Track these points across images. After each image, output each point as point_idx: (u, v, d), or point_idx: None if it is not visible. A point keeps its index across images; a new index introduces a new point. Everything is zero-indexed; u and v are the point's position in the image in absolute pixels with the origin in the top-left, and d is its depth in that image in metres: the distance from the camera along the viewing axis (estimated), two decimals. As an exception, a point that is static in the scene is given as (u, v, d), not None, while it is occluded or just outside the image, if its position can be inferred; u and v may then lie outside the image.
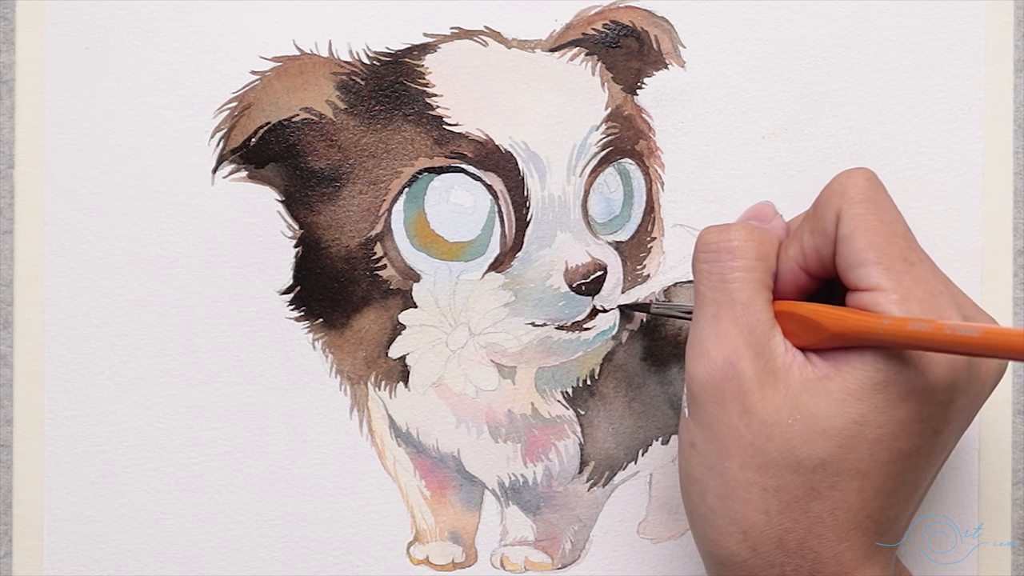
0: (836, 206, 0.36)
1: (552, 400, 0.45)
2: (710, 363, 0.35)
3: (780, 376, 0.35)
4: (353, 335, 0.44)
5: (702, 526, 0.36)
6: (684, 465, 0.37)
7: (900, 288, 0.34)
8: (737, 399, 0.35)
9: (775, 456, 0.34)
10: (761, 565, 0.35)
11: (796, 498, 0.34)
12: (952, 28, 0.45)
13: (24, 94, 0.44)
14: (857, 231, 0.35)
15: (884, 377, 0.34)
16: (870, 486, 0.34)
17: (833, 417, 0.34)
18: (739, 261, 0.36)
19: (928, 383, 0.34)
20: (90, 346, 0.44)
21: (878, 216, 0.35)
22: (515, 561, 0.45)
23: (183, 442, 0.44)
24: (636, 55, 0.45)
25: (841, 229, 0.35)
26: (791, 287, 0.37)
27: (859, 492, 0.34)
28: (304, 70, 0.43)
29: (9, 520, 0.44)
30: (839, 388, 0.34)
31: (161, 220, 0.44)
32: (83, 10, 0.44)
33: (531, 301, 0.44)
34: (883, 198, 0.36)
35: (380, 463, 0.44)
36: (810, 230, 0.36)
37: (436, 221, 0.43)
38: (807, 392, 0.34)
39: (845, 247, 0.35)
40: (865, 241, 0.35)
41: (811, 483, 0.34)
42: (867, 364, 0.34)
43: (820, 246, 0.36)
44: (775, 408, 0.34)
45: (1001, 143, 0.45)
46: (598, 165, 0.44)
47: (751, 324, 0.35)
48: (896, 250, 0.35)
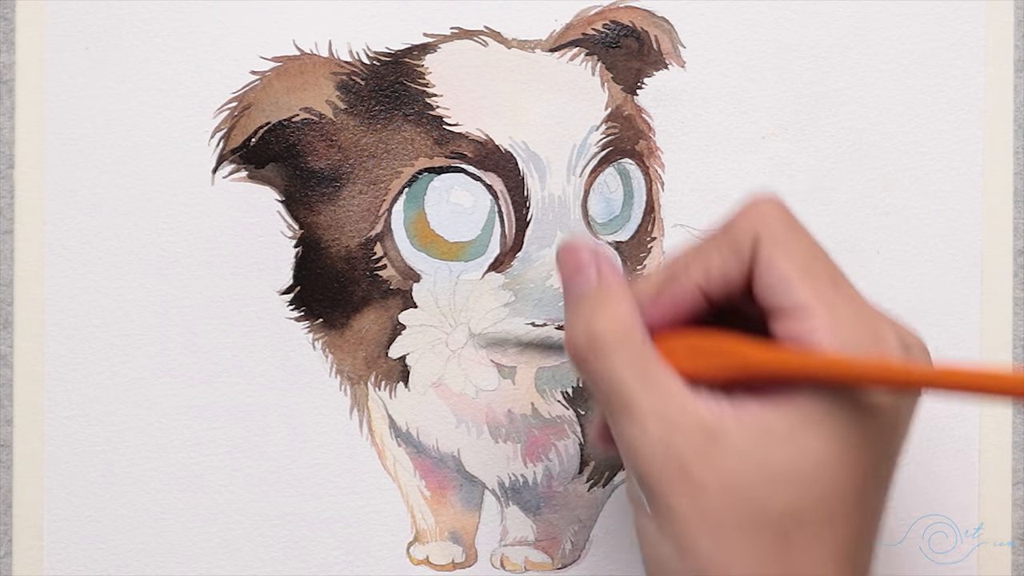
0: (752, 229, 0.34)
1: (552, 400, 0.45)
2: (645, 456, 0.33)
3: (718, 436, 0.33)
4: (353, 335, 0.44)
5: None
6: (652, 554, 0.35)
7: (830, 310, 0.32)
8: (684, 478, 0.33)
9: (742, 519, 0.32)
10: None
11: (774, 550, 0.33)
12: (952, 28, 0.45)
13: (24, 94, 0.44)
14: (779, 252, 0.33)
15: (828, 404, 0.32)
16: (840, 520, 0.33)
17: (789, 460, 0.32)
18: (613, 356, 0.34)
19: (872, 402, 0.33)
20: (90, 346, 0.44)
21: (799, 239, 0.34)
22: (515, 561, 0.45)
23: (183, 442, 0.44)
24: (636, 55, 0.45)
25: (761, 252, 0.33)
26: (687, 311, 0.35)
27: (831, 528, 0.33)
28: (304, 70, 0.43)
29: (9, 520, 0.44)
30: (785, 429, 0.32)
31: (161, 220, 0.44)
32: (83, 10, 0.44)
33: (531, 301, 0.44)
34: (798, 223, 0.34)
35: (380, 463, 0.44)
36: (720, 252, 0.34)
37: (436, 221, 0.43)
38: (754, 444, 0.32)
39: (765, 269, 0.33)
40: (789, 263, 0.33)
41: (784, 532, 0.33)
42: (807, 396, 0.32)
43: (729, 269, 0.34)
44: (725, 470, 0.32)
45: (1001, 143, 0.45)
46: (598, 165, 0.44)
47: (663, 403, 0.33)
48: (821, 271, 0.33)
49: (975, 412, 0.45)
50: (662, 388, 0.33)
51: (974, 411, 0.45)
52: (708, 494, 0.33)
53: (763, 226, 0.34)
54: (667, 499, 0.33)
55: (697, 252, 0.35)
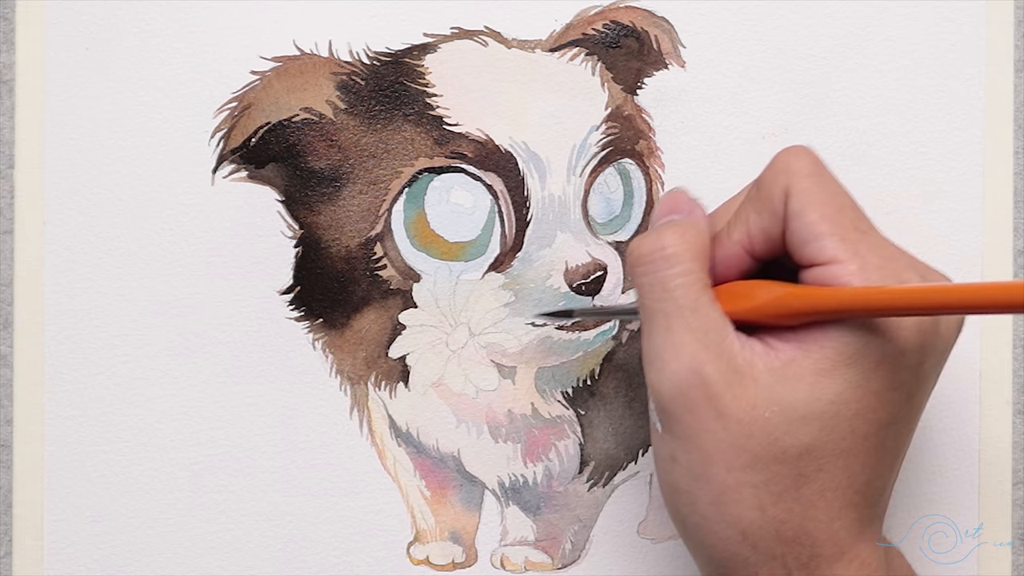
0: (783, 183, 0.35)
1: (552, 400, 0.45)
2: (674, 375, 0.34)
3: (746, 372, 0.34)
4: (353, 335, 0.44)
5: (697, 534, 0.36)
6: (667, 478, 0.36)
7: (857, 257, 0.34)
8: (709, 404, 0.34)
9: (759, 452, 0.34)
10: (762, 560, 0.35)
11: (786, 488, 0.34)
12: (952, 28, 0.45)
13: (24, 94, 0.44)
14: (808, 205, 0.35)
15: (854, 351, 0.34)
16: (855, 462, 0.34)
17: (810, 402, 0.34)
18: (677, 267, 0.35)
19: (898, 348, 0.34)
20: (90, 346, 0.44)
21: (825, 189, 0.35)
22: (515, 561, 0.45)
23: (183, 442, 0.44)
24: (636, 55, 0.45)
25: (791, 205, 0.35)
26: (735, 271, 0.37)
27: (845, 470, 0.34)
28: (304, 70, 0.43)
29: (9, 520, 0.44)
30: (810, 371, 0.34)
31: (161, 220, 0.44)
32: (83, 10, 0.44)
33: (531, 301, 0.44)
34: (827, 172, 0.36)
35: (380, 463, 0.44)
36: (756, 210, 0.36)
37: (436, 221, 0.43)
38: (778, 382, 0.34)
39: (796, 223, 0.35)
40: (817, 214, 0.34)
41: (798, 470, 0.34)
42: (834, 340, 0.34)
43: (768, 226, 0.36)
44: (749, 405, 0.34)
45: (1001, 143, 0.45)
46: (598, 165, 0.44)
47: (704, 328, 0.35)
48: (847, 220, 0.35)
49: (975, 412, 0.45)
50: (707, 315, 0.35)
51: (974, 411, 0.45)
52: (728, 424, 0.34)
53: (791, 179, 0.35)
54: (688, 423, 0.35)
55: (737, 214, 0.37)
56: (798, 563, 0.35)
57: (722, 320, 0.35)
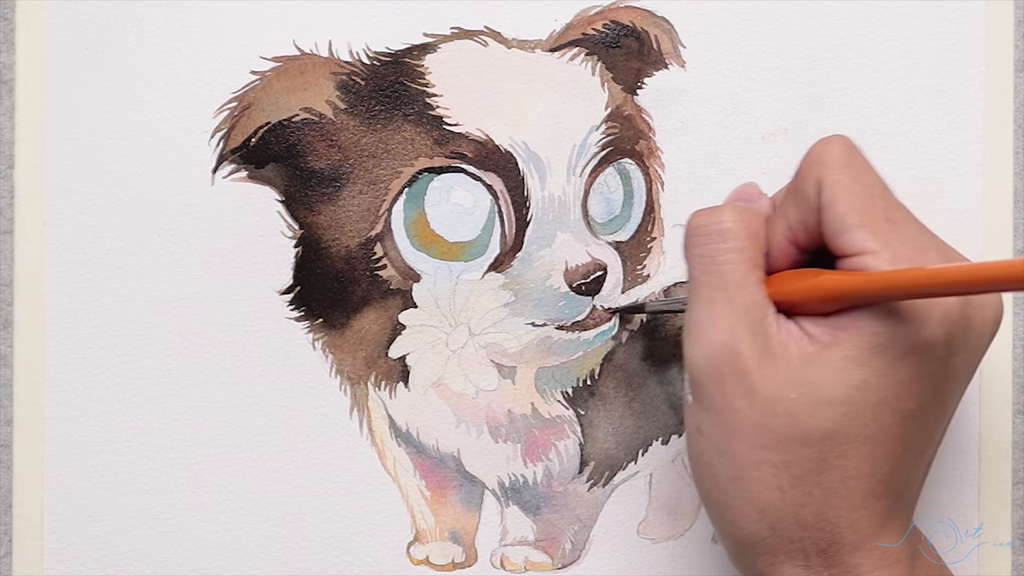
0: (816, 175, 0.36)
1: (552, 400, 0.45)
2: (708, 347, 0.35)
3: (778, 353, 0.35)
4: (353, 335, 0.44)
5: (718, 510, 0.36)
6: (693, 451, 0.37)
7: (888, 248, 0.34)
8: (738, 380, 0.35)
9: (782, 432, 0.34)
10: (781, 542, 0.35)
11: (807, 471, 0.34)
12: (952, 28, 0.45)
13: (24, 94, 0.44)
14: (838, 197, 0.35)
15: (881, 340, 0.34)
16: (879, 451, 0.34)
17: (835, 386, 0.34)
18: (730, 243, 0.36)
19: (924, 340, 0.34)
20: (90, 346, 0.44)
21: (857, 179, 0.35)
22: (515, 561, 0.45)
23: (183, 442, 0.44)
24: (636, 55, 0.45)
25: (823, 197, 0.35)
26: (783, 263, 0.37)
27: (869, 458, 0.34)
28: (304, 70, 0.43)
29: (9, 520, 0.44)
30: (839, 356, 0.34)
31: (161, 220, 0.44)
32: (83, 10, 0.44)
33: (531, 301, 0.44)
34: (860, 161, 0.36)
35: (380, 463, 0.44)
36: (794, 203, 0.36)
37: (436, 221, 0.43)
38: (807, 365, 0.34)
39: (828, 214, 0.35)
40: (847, 206, 0.35)
41: (820, 454, 0.34)
42: (863, 328, 0.34)
43: (805, 217, 0.36)
44: (777, 385, 0.34)
45: (1001, 143, 0.45)
46: (598, 165, 0.44)
47: (745, 305, 0.35)
48: (878, 211, 0.35)
49: (975, 412, 0.45)
50: (751, 294, 0.35)
51: (974, 411, 0.45)
52: (755, 402, 0.34)
53: (823, 170, 0.36)
54: (716, 396, 0.35)
55: (779, 206, 0.37)
56: (817, 549, 0.35)
57: (764, 300, 0.36)
